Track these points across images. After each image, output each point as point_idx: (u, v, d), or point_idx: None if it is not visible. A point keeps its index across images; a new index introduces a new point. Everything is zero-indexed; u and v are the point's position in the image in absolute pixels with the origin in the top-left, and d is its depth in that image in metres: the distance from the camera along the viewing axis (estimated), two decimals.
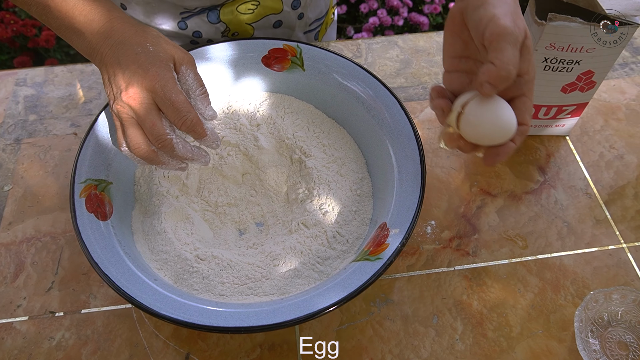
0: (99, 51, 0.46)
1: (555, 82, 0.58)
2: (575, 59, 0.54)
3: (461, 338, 0.52)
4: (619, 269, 0.56)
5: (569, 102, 0.60)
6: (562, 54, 0.54)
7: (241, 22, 0.69)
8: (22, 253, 0.57)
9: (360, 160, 0.58)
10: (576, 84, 0.58)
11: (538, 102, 0.61)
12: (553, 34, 0.52)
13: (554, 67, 0.56)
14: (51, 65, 0.76)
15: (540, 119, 0.63)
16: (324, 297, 0.43)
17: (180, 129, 0.46)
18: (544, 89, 0.59)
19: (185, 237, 0.52)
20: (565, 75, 0.57)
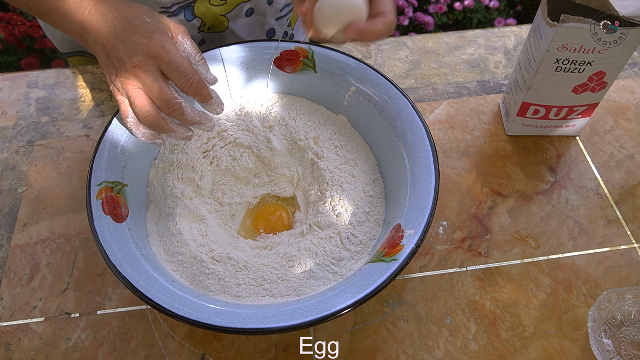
0: (93, 30, 0.46)
1: (566, 83, 0.58)
2: (587, 59, 0.55)
3: (474, 338, 0.52)
4: (631, 269, 0.56)
5: (580, 102, 0.61)
6: (574, 55, 0.54)
7: (215, 14, 0.69)
8: (37, 254, 0.57)
9: (373, 161, 0.59)
10: (587, 84, 0.58)
11: (549, 102, 0.61)
12: (565, 35, 0.52)
13: (566, 67, 0.56)
14: (62, 68, 0.76)
15: (550, 119, 0.63)
16: (340, 298, 0.43)
17: (186, 92, 0.46)
18: (555, 89, 0.59)
19: (200, 238, 0.52)
20: (576, 76, 0.57)
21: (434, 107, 0.70)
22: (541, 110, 0.62)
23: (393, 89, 0.57)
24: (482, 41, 0.78)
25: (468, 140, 0.66)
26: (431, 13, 1.81)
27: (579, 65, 0.55)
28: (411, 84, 0.72)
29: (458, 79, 0.73)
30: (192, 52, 0.49)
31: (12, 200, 0.62)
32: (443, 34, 0.79)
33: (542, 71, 0.57)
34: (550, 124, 0.64)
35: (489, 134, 0.67)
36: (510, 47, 0.77)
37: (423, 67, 0.74)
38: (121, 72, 0.45)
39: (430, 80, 0.73)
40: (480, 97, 0.71)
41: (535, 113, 0.62)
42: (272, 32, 0.79)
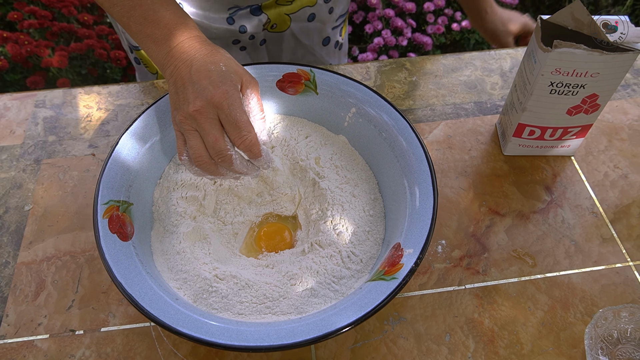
0: (172, 64, 0.49)
1: (560, 105, 0.60)
2: (580, 83, 0.56)
3: (473, 356, 0.53)
4: (627, 287, 0.57)
5: (574, 124, 0.62)
6: (567, 78, 0.56)
7: (280, 12, 0.76)
8: (43, 272, 0.58)
9: (373, 181, 0.60)
10: (581, 106, 0.60)
11: (544, 124, 0.62)
12: (558, 59, 0.54)
13: (560, 90, 0.58)
14: (68, 87, 0.78)
15: (546, 139, 0.65)
16: (341, 316, 0.44)
17: (238, 147, 0.49)
18: (550, 111, 0.60)
19: (203, 256, 0.54)
20: (570, 98, 0.58)
21: (433, 127, 0.71)
22: (537, 131, 0.63)
23: (392, 111, 0.59)
24: (479, 63, 0.80)
25: (466, 160, 0.68)
26: (429, 34, 1.84)
27: (572, 88, 0.57)
28: (410, 105, 0.74)
29: (456, 100, 0.75)
30: (255, 109, 0.51)
31: (19, 218, 0.63)
32: (441, 56, 0.81)
33: (536, 94, 0.58)
34: (545, 144, 0.66)
35: (486, 154, 0.68)
36: (506, 69, 0.79)
37: (421, 88, 0.76)
38: (184, 111, 0.48)
39: (429, 102, 0.75)
40: (477, 118, 0.73)
41: (531, 134, 0.64)
42: (327, 40, 0.86)
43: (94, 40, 1.54)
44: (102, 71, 1.60)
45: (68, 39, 1.58)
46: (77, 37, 1.57)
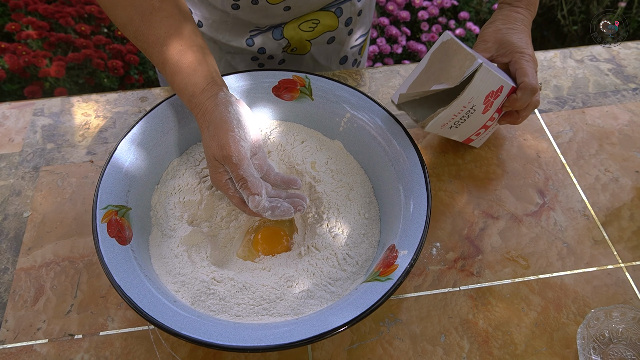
0: (202, 107, 0.55)
1: (471, 122, 0.61)
2: (469, 109, 0.58)
3: (468, 356, 0.53)
4: (618, 288, 0.58)
5: (496, 108, 0.62)
6: (456, 119, 0.59)
7: (302, 38, 0.77)
8: (42, 277, 0.59)
9: (368, 185, 0.61)
10: (489, 101, 0.59)
11: (468, 135, 0.65)
12: (437, 125, 0.58)
13: (461, 122, 0.60)
14: (67, 96, 0.79)
15: (489, 126, 0.65)
16: (337, 316, 0.45)
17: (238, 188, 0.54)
18: (466, 129, 0.63)
19: (200, 260, 0.54)
20: (474, 115, 0.60)
21: (426, 132, 0.73)
22: (480, 131, 0.65)
23: (387, 116, 0.60)
24: None
25: (459, 164, 0.69)
26: (423, 41, 1.87)
27: (467, 114, 0.58)
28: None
29: None
30: (263, 165, 0.55)
31: (17, 224, 0.63)
32: None
33: (451, 134, 0.62)
34: (493, 126, 0.66)
35: (479, 158, 0.70)
36: None
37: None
38: (204, 144, 0.54)
39: None
40: None
41: (478, 134, 0.66)
42: (344, 59, 0.87)
43: (91, 50, 1.56)
44: (99, 80, 1.61)
45: (65, 49, 1.60)
46: (74, 47, 1.59)
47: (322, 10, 0.75)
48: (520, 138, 0.72)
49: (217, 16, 0.74)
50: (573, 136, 0.72)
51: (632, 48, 0.84)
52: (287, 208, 0.52)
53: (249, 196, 0.51)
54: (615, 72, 0.81)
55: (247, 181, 0.50)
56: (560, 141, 0.72)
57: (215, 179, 0.54)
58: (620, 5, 1.76)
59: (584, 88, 0.79)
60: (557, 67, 0.81)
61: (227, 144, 0.50)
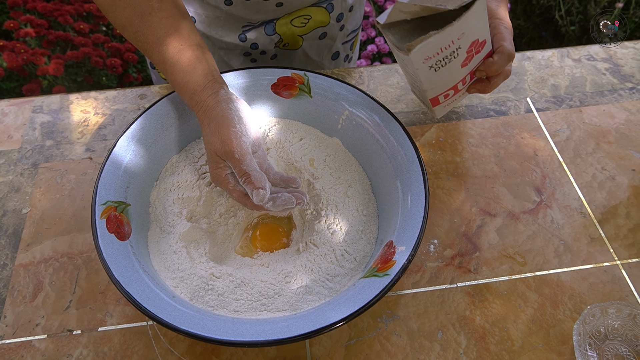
0: (203, 101, 0.55)
1: (451, 67, 0.57)
2: (454, 48, 0.54)
3: (465, 352, 0.54)
4: (614, 285, 0.58)
5: (475, 65, 0.60)
6: (440, 55, 0.54)
7: (294, 33, 0.77)
8: (41, 273, 0.59)
9: (366, 182, 0.61)
10: (471, 53, 0.57)
11: (451, 85, 0.61)
12: (420, 53, 0.53)
13: (442, 64, 0.56)
14: (66, 93, 0.79)
15: (460, 89, 0.63)
16: (335, 311, 0.45)
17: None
18: (446, 76, 0.58)
19: (199, 256, 0.54)
20: (455, 60, 0.56)
21: (425, 130, 0.73)
22: (449, 92, 0.62)
23: (385, 113, 0.60)
24: None
25: (457, 162, 0.69)
26: None
27: (451, 55, 0.55)
28: (402, 109, 0.76)
29: None
30: (263, 164, 0.56)
31: (16, 220, 0.64)
32: None
33: (425, 78, 0.57)
34: (463, 90, 0.64)
35: (477, 156, 0.70)
36: None
37: None
38: (205, 140, 0.55)
39: (421, 105, 0.76)
40: (468, 121, 0.74)
41: (447, 96, 0.62)
42: (336, 55, 0.87)
43: (89, 48, 1.56)
44: (97, 79, 1.61)
45: (64, 47, 1.60)
46: (73, 45, 1.58)
47: (313, 6, 0.76)
48: (518, 136, 0.72)
49: (210, 12, 0.74)
50: (570, 135, 0.73)
51: (629, 48, 0.85)
52: (288, 197, 0.53)
53: (253, 190, 0.51)
54: (612, 71, 0.81)
55: (251, 175, 0.51)
56: (558, 140, 0.72)
57: (216, 174, 0.54)
58: (618, 6, 1.76)
59: (581, 87, 0.79)
60: (555, 67, 0.82)
61: (229, 139, 0.51)
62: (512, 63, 0.60)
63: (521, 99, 0.77)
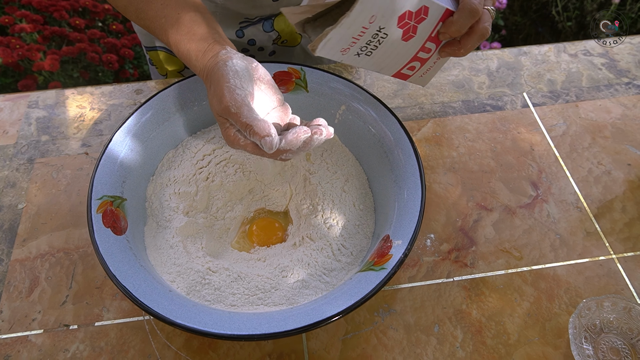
0: (204, 65, 0.53)
1: (395, 49, 0.51)
2: (373, 31, 0.48)
3: (462, 346, 0.54)
4: (610, 279, 0.59)
5: (426, 35, 0.52)
6: (358, 44, 0.49)
7: (292, 31, 0.77)
8: (37, 268, 0.59)
9: (362, 176, 0.61)
10: (408, 23, 0.49)
11: (406, 60, 0.54)
12: (331, 48, 0.48)
13: (372, 47, 0.50)
14: (62, 88, 0.78)
15: (426, 58, 0.55)
16: (332, 305, 0.45)
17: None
18: (392, 56, 0.52)
19: (196, 251, 0.54)
20: (392, 40, 0.50)
21: (421, 125, 0.73)
22: (414, 64, 0.55)
23: (382, 108, 0.60)
24: (467, 63, 0.82)
25: (454, 156, 0.69)
26: None
27: (375, 39, 0.49)
28: (399, 104, 0.76)
29: (444, 99, 0.76)
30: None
31: (12, 216, 0.63)
32: None
33: (364, 63, 0.52)
34: (433, 59, 0.56)
35: (473, 151, 0.70)
36: (493, 69, 0.81)
37: (410, 87, 0.78)
38: (209, 104, 0.52)
39: (418, 100, 0.76)
40: (465, 116, 0.74)
41: (413, 68, 0.56)
42: None
43: (85, 43, 1.55)
44: (94, 74, 1.61)
45: (60, 42, 1.59)
46: (68, 40, 1.58)
47: None
48: (515, 131, 0.73)
49: (206, 6, 0.74)
50: (566, 129, 0.73)
51: (625, 43, 0.85)
52: (299, 129, 0.48)
53: (260, 140, 0.47)
54: (609, 66, 0.81)
55: (252, 126, 0.47)
56: (554, 134, 0.72)
57: (226, 136, 0.50)
58: (614, 2, 1.77)
59: (578, 82, 0.79)
60: (551, 62, 0.82)
61: (223, 95, 0.49)
62: (490, 25, 0.52)
63: (518, 94, 0.77)
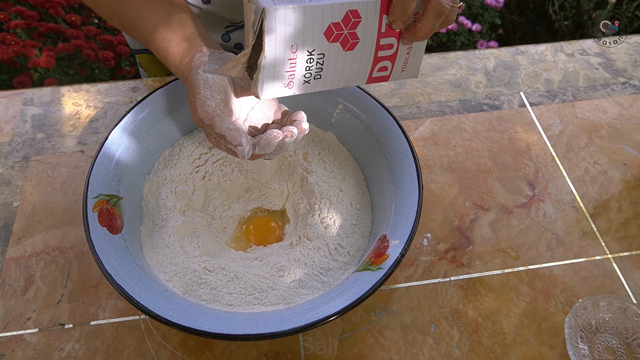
0: (179, 67, 0.52)
1: (341, 60, 0.48)
2: (307, 59, 0.46)
3: (458, 345, 0.54)
4: (605, 278, 0.59)
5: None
6: (297, 74, 0.47)
7: None
8: (32, 267, 0.59)
9: (359, 176, 0.61)
10: (339, 34, 0.46)
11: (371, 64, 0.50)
12: (269, 90, 0.47)
13: (315, 70, 0.48)
14: (57, 86, 0.78)
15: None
16: (329, 305, 0.45)
17: None
18: (349, 67, 0.49)
19: (192, 250, 0.54)
20: (330, 56, 0.47)
21: (418, 124, 0.73)
22: (384, 64, 0.51)
23: (379, 107, 0.60)
24: (464, 62, 0.82)
25: (451, 156, 0.69)
26: None
27: (311, 63, 0.47)
28: (396, 103, 0.75)
29: (441, 98, 0.76)
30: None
31: (7, 214, 0.63)
32: (427, 56, 0.83)
33: (321, 86, 0.50)
34: (404, 50, 0.51)
35: (470, 150, 0.70)
36: (490, 68, 0.81)
37: (407, 86, 0.78)
38: None
39: (415, 99, 0.76)
40: (462, 115, 0.74)
41: (384, 69, 0.51)
42: None
43: (81, 40, 1.54)
44: (90, 72, 1.60)
45: (55, 39, 1.58)
46: (64, 37, 1.57)
47: None
48: (511, 130, 0.73)
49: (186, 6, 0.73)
50: (563, 129, 0.73)
51: (621, 42, 0.85)
52: (269, 134, 0.48)
53: (235, 149, 0.48)
54: (605, 66, 0.81)
55: (225, 136, 0.48)
56: (551, 134, 0.72)
57: (211, 141, 0.51)
58: (611, 1, 1.77)
59: (574, 82, 0.79)
60: (548, 61, 0.82)
61: (195, 108, 0.49)
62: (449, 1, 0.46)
63: (515, 94, 0.77)
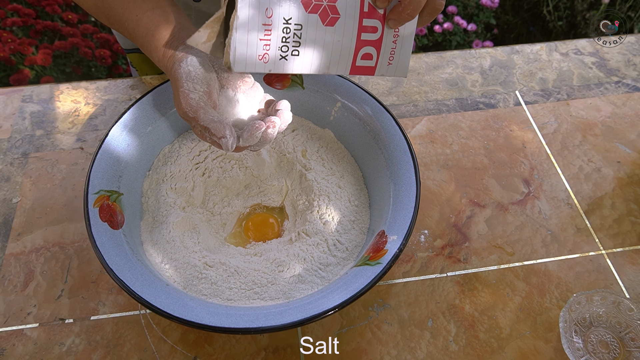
0: (166, 65, 0.52)
1: (321, 39, 0.47)
2: (283, 36, 0.46)
3: (455, 340, 0.55)
4: (599, 274, 0.60)
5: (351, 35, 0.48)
6: (273, 41, 0.46)
7: None
8: (32, 262, 0.59)
9: (358, 173, 0.62)
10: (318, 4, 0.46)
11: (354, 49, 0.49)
12: (247, 63, 0.47)
13: (293, 46, 0.47)
14: (56, 83, 0.78)
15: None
16: (328, 299, 0.46)
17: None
18: (329, 48, 0.48)
19: (192, 245, 0.55)
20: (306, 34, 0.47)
21: (415, 122, 0.74)
22: (369, 51, 0.50)
23: (377, 105, 0.61)
24: (460, 61, 0.82)
25: (447, 154, 0.70)
26: None
27: (287, 41, 0.46)
28: (393, 101, 0.76)
29: (437, 97, 0.77)
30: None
31: (6, 210, 0.63)
32: (423, 55, 0.84)
33: (298, 67, 0.49)
34: (389, 39, 0.50)
35: (467, 148, 0.71)
36: (486, 67, 0.82)
37: (404, 85, 0.79)
38: None
39: (412, 98, 0.77)
40: (458, 114, 0.75)
41: (369, 56, 0.51)
42: None
43: (78, 38, 1.54)
44: (86, 70, 1.60)
45: (52, 37, 1.58)
46: (61, 35, 1.57)
47: None
48: (507, 129, 0.74)
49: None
50: (558, 127, 0.74)
51: (622, 42, 0.86)
52: (251, 126, 0.48)
53: (219, 141, 0.48)
54: (599, 65, 0.82)
55: (210, 128, 0.48)
56: (546, 132, 0.73)
57: (196, 134, 0.51)
58: (604, 2, 1.78)
59: (569, 81, 0.80)
60: (543, 60, 0.83)
61: (179, 102, 0.49)
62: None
63: (510, 92, 0.78)
